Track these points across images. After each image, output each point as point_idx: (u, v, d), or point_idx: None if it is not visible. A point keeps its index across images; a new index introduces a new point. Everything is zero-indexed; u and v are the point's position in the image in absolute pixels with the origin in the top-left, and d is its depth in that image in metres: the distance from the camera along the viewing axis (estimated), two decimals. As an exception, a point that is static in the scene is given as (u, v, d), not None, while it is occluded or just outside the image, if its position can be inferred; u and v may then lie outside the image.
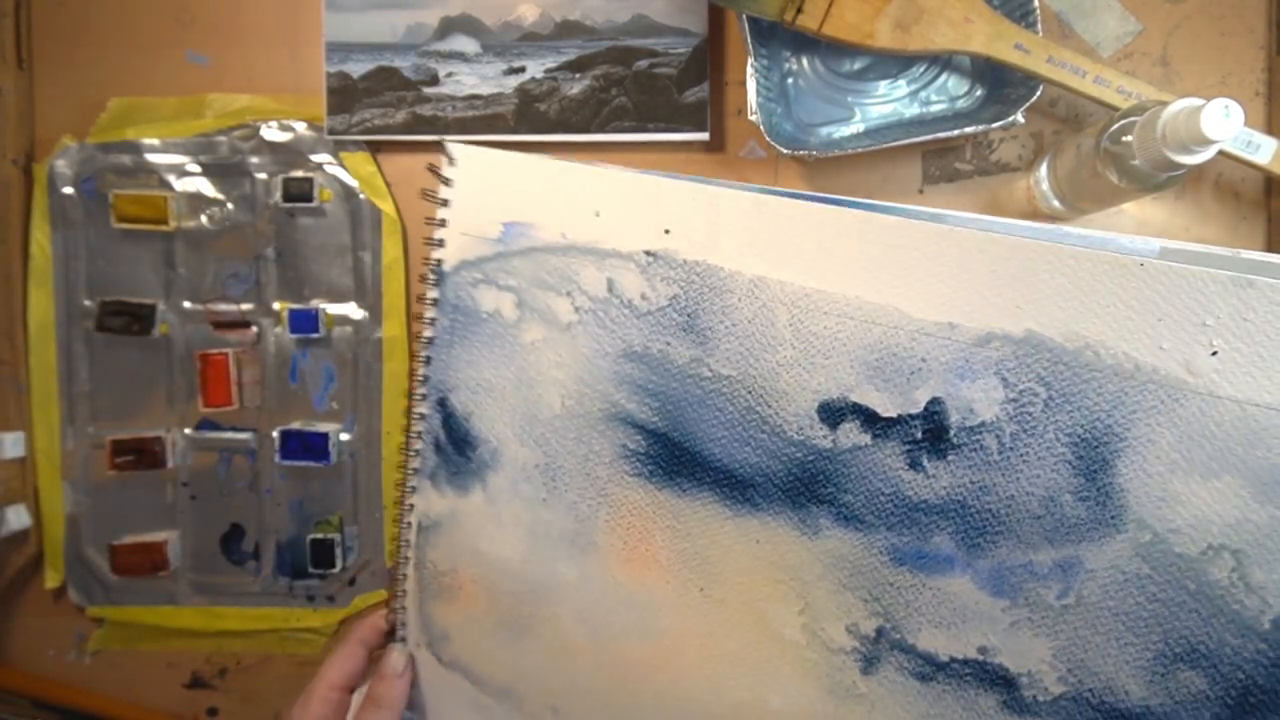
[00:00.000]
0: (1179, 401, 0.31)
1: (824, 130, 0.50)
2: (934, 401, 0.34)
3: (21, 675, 0.52)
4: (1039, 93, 0.46)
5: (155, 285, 0.51)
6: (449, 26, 0.49)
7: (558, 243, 0.41)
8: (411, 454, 0.44)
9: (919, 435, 0.35)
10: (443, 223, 0.43)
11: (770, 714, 0.39)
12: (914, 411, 0.35)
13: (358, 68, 0.49)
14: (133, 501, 0.51)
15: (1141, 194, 0.42)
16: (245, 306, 0.51)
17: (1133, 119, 0.39)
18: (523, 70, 0.49)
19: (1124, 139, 0.40)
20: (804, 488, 0.37)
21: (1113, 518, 0.32)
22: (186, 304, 0.51)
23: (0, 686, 0.51)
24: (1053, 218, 0.50)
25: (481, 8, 0.49)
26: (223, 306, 0.50)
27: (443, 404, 0.44)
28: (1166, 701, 0.32)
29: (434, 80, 0.49)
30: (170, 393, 0.51)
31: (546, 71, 0.49)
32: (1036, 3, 0.46)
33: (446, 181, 0.42)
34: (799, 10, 0.45)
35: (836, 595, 0.37)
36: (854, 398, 0.36)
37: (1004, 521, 0.34)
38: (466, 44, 0.49)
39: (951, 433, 0.34)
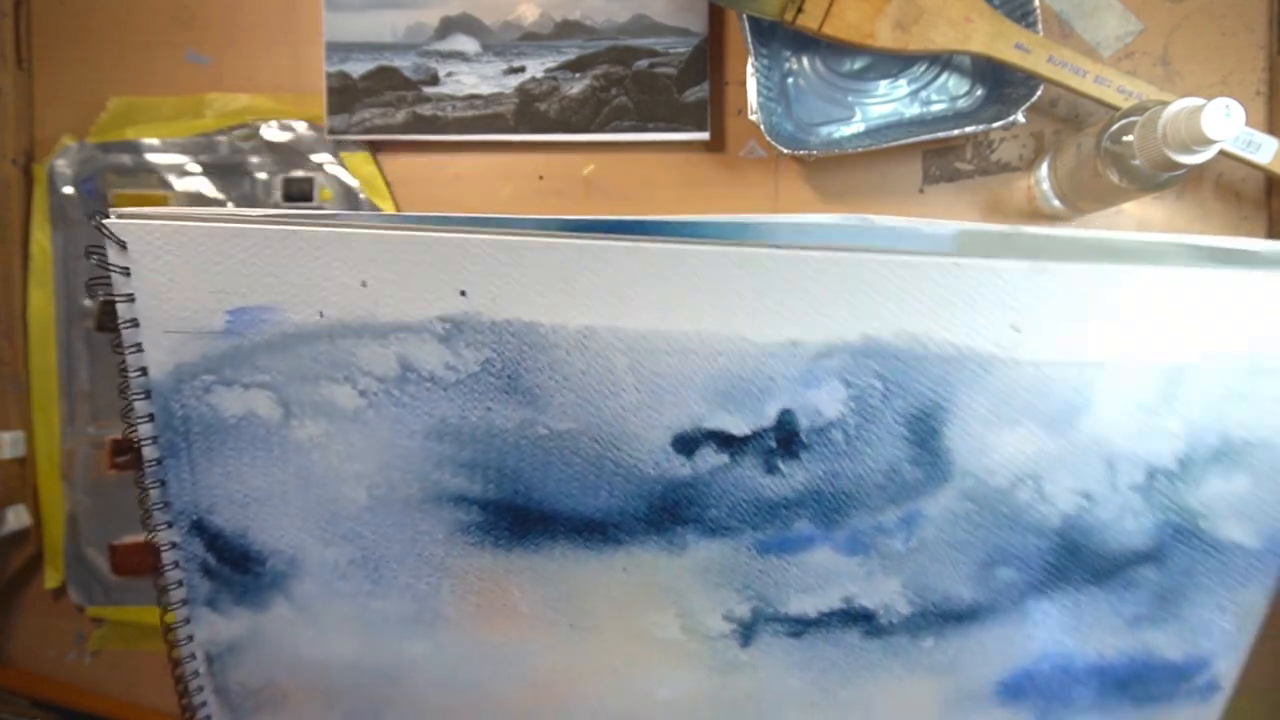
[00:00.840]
0: (989, 371, 0.37)
1: (824, 130, 0.50)
2: (784, 413, 0.37)
3: (21, 675, 0.52)
4: (1039, 92, 0.46)
5: (155, 285, 0.51)
6: (449, 26, 0.49)
7: (317, 324, 0.36)
8: (171, 586, 0.39)
9: (773, 444, 0.38)
10: (133, 323, 0.36)
11: (660, 705, 0.41)
12: (766, 425, 0.37)
13: (358, 67, 0.49)
14: (133, 501, 0.51)
15: (1142, 194, 0.42)
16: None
17: (1133, 119, 0.39)
18: (523, 70, 0.49)
19: (1124, 139, 0.40)
20: (667, 515, 0.38)
21: (943, 473, 0.39)
22: (186, 304, 0.51)
23: (0, 686, 0.51)
24: (1053, 218, 0.50)
25: (481, 8, 0.49)
26: (223, 306, 0.50)
27: (200, 527, 0.39)
28: (989, 595, 0.40)
29: (434, 80, 0.49)
30: (170, 393, 0.51)
31: (547, 71, 0.49)
32: (1037, 2, 0.46)
33: (123, 271, 0.35)
34: (799, 10, 0.45)
35: (710, 594, 0.40)
36: (707, 425, 0.37)
37: (854, 497, 0.39)
38: (466, 44, 0.49)
39: (802, 436, 0.38)
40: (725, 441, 0.38)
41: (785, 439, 0.38)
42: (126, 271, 0.35)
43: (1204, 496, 0.40)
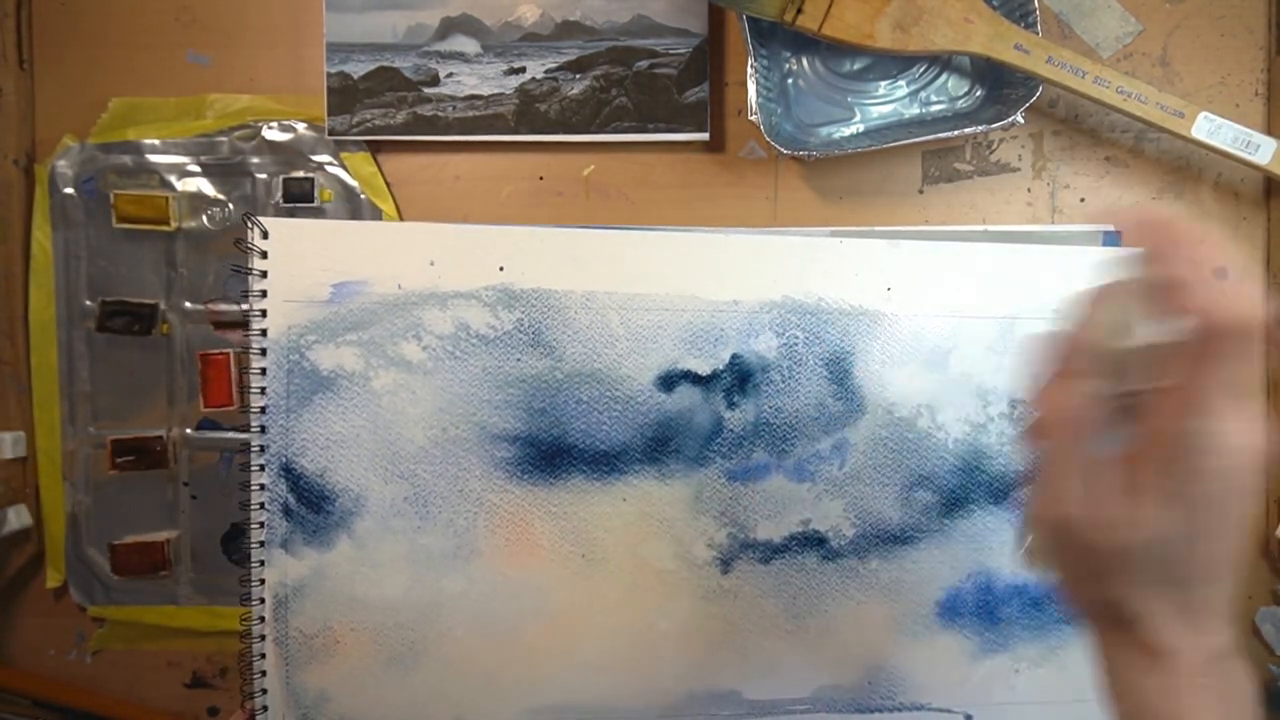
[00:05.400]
0: (877, 323, 0.48)
1: (824, 130, 0.50)
2: (735, 357, 0.47)
3: (22, 675, 0.52)
4: (1039, 93, 0.46)
5: (156, 285, 0.51)
6: (449, 27, 0.49)
7: (395, 293, 0.46)
8: (254, 527, 0.45)
9: (730, 382, 0.47)
10: (263, 294, 0.45)
11: (659, 636, 0.48)
12: (722, 367, 0.47)
13: (358, 68, 0.49)
14: (134, 501, 0.51)
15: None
16: (246, 306, 0.51)
17: None
18: (523, 70, 0.49)
19: None
20: (658, 445, 0.47)
21: (858, 405, 0.48)
22: (187, 304, 0.51)
23: (1, 686, 0.51)
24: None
25: (481, 8, 0.49)
26: (224, 306, 0.50)
27: (288, 469, 0.46)
28: (912, 515, 0.49)
29: (434, 80, 0.49)
30: (171, 392, 0.51)
31: (547, 72, 0.49)
32: (1036, 3, 0.46)
33: (263, 254, 0.45)
34: (799, 11, 0.45)
35: (694, 521, 0.48)
36: (680, 366, 0.47)
37: (795, 428, 0.48)
38: (467, 44, 0.49)
39: (750, 376, 0.48)
40: (695, 380, 0.47)
41: (738, 378, 0.47)
42: (264, 255, 0.45)
43: None
